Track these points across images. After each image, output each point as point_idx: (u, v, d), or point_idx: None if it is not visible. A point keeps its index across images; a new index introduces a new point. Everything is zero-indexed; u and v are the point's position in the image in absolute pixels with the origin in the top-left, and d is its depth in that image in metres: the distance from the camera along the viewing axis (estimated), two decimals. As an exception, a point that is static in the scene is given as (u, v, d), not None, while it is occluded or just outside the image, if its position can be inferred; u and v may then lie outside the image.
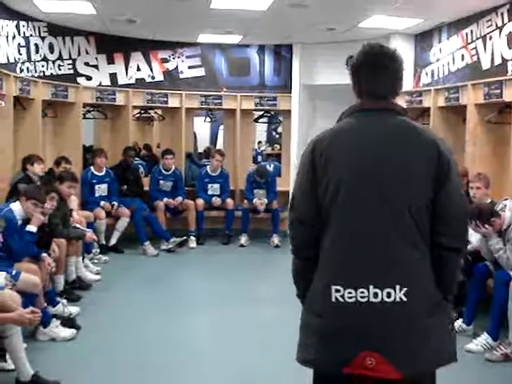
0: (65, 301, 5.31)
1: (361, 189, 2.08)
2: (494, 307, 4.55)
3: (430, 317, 2.06)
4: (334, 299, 2.05)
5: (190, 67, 9.32)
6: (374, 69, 2.17)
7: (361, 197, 2.07)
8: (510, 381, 4.22)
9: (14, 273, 4.16)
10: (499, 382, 4.22)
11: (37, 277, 4.43)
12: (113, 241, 7.76)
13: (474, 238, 5.27)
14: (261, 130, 15.03)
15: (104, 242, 7.61)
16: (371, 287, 2.02)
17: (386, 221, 2.05)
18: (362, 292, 2.02)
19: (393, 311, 2.02)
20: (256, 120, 10.11)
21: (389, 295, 2.01)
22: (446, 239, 2.10)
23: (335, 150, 2.12)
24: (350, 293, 2.03)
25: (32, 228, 4.81)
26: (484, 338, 4.56)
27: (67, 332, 4.70)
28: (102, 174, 7.84)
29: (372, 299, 2.01)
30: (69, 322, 4.86)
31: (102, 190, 7.81)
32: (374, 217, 2.06)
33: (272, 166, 10.46)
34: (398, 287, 2.01)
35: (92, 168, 7.84)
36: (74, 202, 6.61)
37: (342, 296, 2.03)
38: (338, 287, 2.04)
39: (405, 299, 2.02)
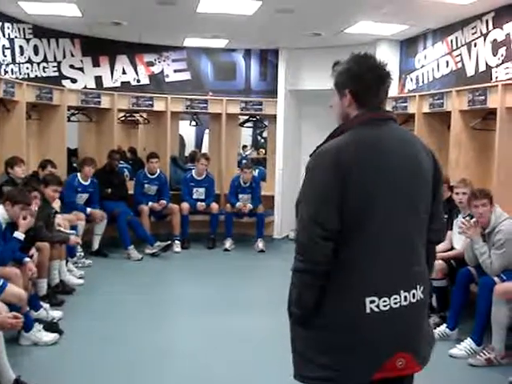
0: (47, 305, 5.27)
1: (393, 199, 2.08)
2: (477, 312, 4.57)
3: (427, 305, 2.25)
4: (368, 310, 2.04)
5: (175, 71, 9.31)
6: (382, 80, 2.16)
7: (393, 206, 2.08)
8: (493, 386, 4.25)
9: (0, 283, 4.10)
10: (482, 387, 4.24)
11: (23, 290, 4.34)
12: (95, 245, 7.71)
13: (458, 243, 5.31)
14: (246, 135, 15.02)
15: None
16: (402, 292, 2.08)
17: (414, 227, 2.15)
18: (395, 298, 2.07)
19: (416, 309, 2.13)
20: (241, 124, 10.12)
21: (414, 296, 2.11)
22: (436, 235, 2.29)
23: (365, 161, 2.05)
24: (384, 301, 2.05)
25: (20, 236, 4.76)
26: (468, 343, 4.58)
27: (50, 336, 4.65)
28: (87, 183, 7.66)
29: (403, 303, 2.08)
30: (51, 326, 4.81)
31: (82, 199, 7.62)
32: (404, 225, 2.11)
33: (257, 170, 10.44)
34: (418, 287, 2.13)
35: (79, 175, 7.62)
36: (57, 205, 6.56)
37: (378, 306, 2.04)
38: (373, 298, 2.04)
39: (422, 296, 2.14)
